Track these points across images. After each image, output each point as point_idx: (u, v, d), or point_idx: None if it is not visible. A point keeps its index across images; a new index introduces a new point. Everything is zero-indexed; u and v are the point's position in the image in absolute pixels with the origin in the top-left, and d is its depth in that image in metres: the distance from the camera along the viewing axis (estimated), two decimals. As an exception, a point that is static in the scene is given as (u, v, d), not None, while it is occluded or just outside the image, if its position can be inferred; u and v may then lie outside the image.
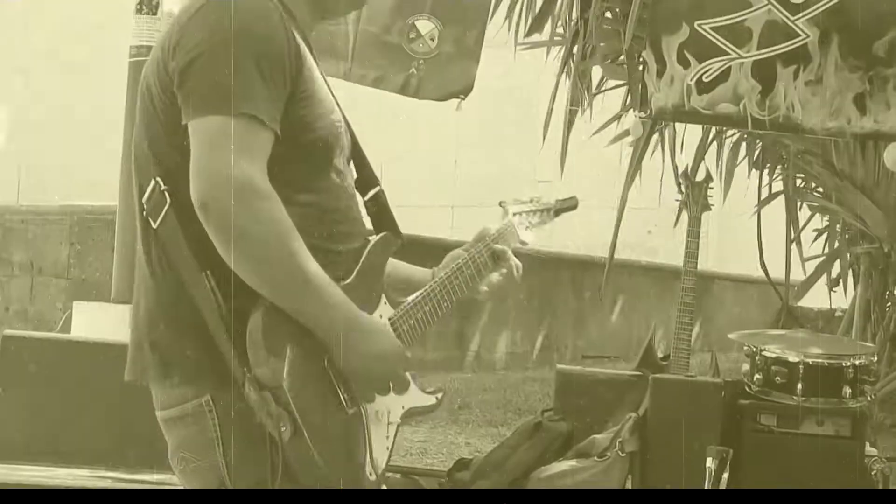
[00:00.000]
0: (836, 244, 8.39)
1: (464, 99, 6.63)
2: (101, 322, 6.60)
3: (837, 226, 8.29)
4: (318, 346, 2.72)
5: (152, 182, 2.76)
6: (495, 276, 3.25)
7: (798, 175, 8.21)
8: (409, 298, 3.02)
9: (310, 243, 2.72)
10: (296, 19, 2.86)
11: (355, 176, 3.02)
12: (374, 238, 2.98)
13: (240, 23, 2.71)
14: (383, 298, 2.94)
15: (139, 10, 6.90)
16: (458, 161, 14.15)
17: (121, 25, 7.31)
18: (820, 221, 8.58)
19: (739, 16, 6.17)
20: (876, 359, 5.65)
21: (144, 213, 2.79)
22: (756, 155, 8.32)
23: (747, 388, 5.44)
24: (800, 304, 9.85)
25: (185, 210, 2.69)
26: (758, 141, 8.07)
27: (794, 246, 8.21)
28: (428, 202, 12.96)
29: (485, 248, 3.24)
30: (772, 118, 6.21)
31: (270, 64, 2.71)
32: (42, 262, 10.12)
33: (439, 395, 3.07)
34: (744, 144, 8.30)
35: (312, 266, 2.69)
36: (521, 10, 7.74)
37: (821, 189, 8.15)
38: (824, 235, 8.56)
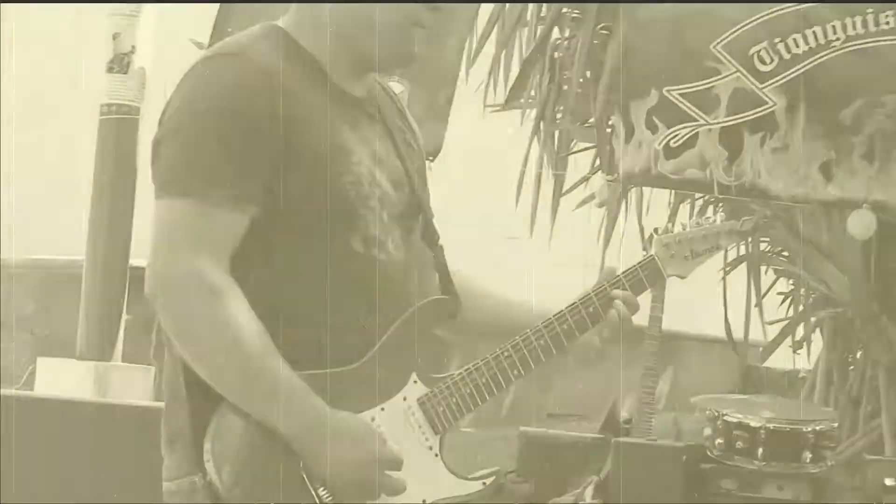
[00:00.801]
0: (801, 308, 8.44)
1: (433, 160, 6.67)
2: (66, 379, 6.59)
3: (802, 290, 8.34)
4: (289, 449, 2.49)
5: None
6: (598, 333, 2.78)
7: (764, 239, 8.26)
8: (458, 371, 2.67)
9: (310, 321, 2.55)
10: (319, 76, 2.65)
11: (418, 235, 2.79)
12: (415, 307, 2.67)
13: (208, 94, 2.55)
14: (413, 376, 2.64)
15: (110, 69, 6.95)
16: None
17: (94, 82, 7.33)
18: (785, 285, 8.63)
19: (708, 83, 6.25)
20: (837, 424, 5.68)
21: None
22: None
23: (709, 453, 5.45)
24: (765, 365, 9.89)
25: None
26: (721, 204, 8.12)
27: (758, 309, 8.25)
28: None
29: (596, 294, 2.77)
30: (738, 184, 6.28)
31: (240, 136, 2.50)
32: (6, 317, 10.07)
33: (489, 481, 2.71)
34: (710, 208, 8.35)
35: (270, 362, 2.47)
36: (491, 73, 7.79)
37: (786, 253, 8.20)
38: (789, 299, 8.60)
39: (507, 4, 7.55)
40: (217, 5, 6.48)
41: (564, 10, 7.33)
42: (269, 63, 2.58)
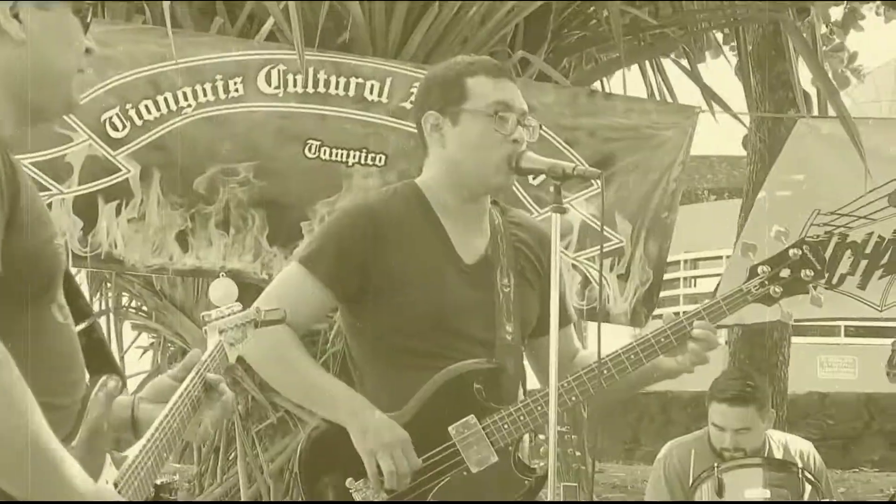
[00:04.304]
0: (159, 361, 8.42)
1: None
2: None
3: (169, 346, 8.30)
4: None
5: None
6: (210, 413, 2.64)
7: (124, 294, 8.18)
8: (130, 453, 2.42)
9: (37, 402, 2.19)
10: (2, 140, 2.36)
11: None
12: (94, 384, 2.45)
13: None
14: (108, 459, 2.38)
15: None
16: None
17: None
18: (146, 339, 8.60)
19: (59, 151, 6.04)
20: (177, 477, 5.72)
21: None
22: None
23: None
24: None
25: None
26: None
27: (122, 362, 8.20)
28: None
29: (198, 378, 2.63)
30: (94, 255, 6.12)
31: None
32: None
33: None
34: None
35: (52, 443, 2.16)
36: None
37: (145, 309, 8.16)
38: (150, 353, 8.58)
39: None
40: None
41: None
42: None
